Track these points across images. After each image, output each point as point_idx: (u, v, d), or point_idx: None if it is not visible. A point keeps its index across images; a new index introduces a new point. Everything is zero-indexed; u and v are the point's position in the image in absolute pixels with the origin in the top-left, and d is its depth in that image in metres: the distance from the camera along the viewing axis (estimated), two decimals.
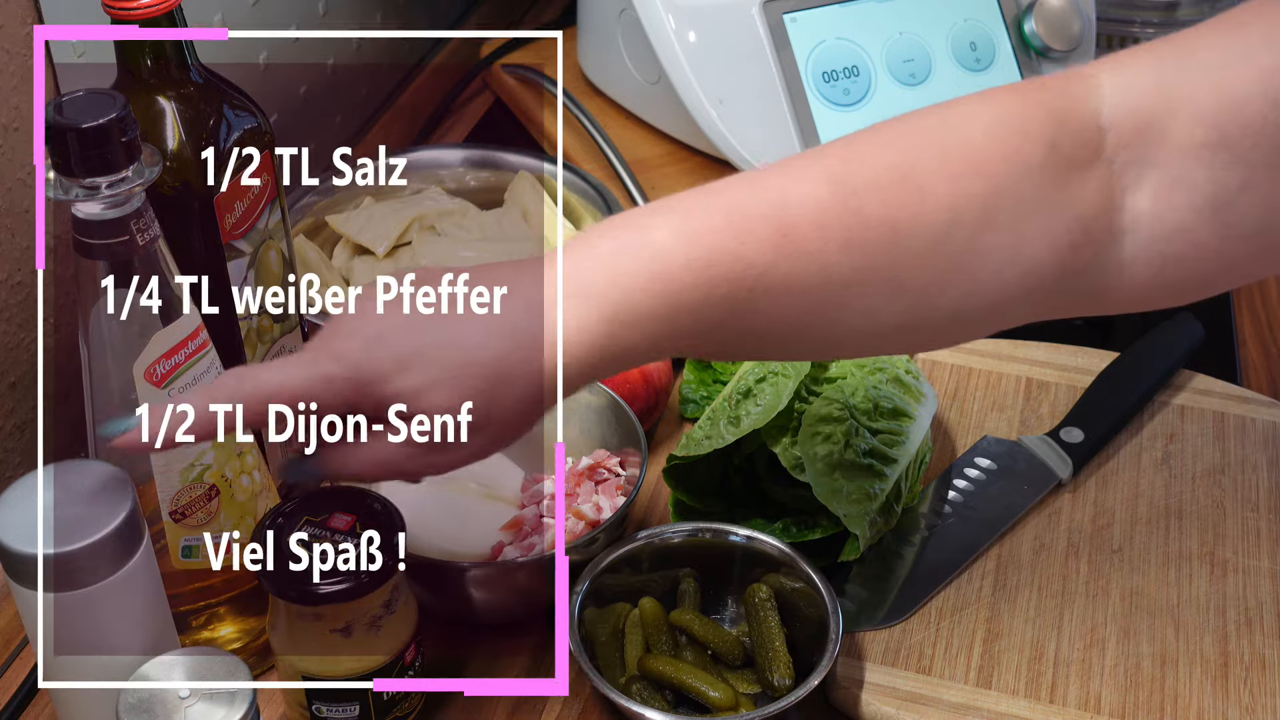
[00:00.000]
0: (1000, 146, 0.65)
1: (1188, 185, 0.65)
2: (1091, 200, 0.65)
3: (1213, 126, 0.64)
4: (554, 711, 0.76)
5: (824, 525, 0.81)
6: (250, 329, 0.79)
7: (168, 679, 0.64)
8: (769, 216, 0.63)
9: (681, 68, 1.06)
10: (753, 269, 0.62)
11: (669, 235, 0.62)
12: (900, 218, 0.63)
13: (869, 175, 0.64)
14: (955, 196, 0.64)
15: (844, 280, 0.63)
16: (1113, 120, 0.66)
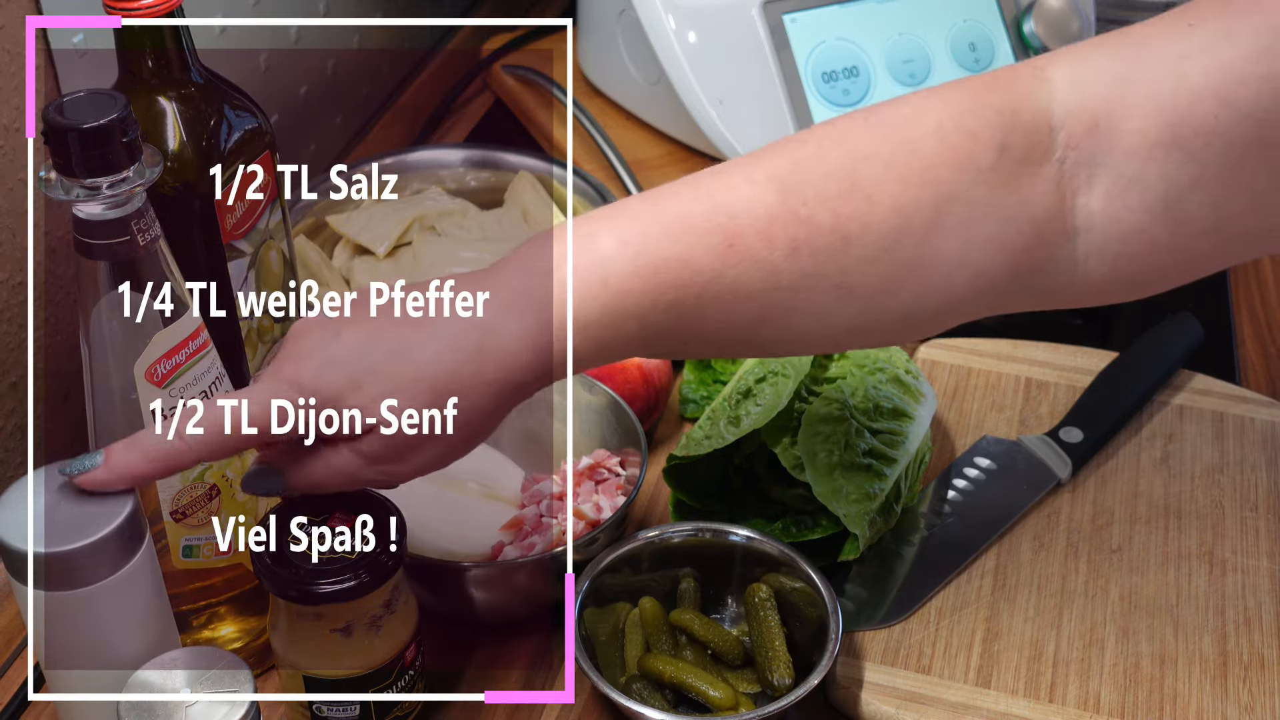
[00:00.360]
0: (949, 151, 0.64)
1: (1140, 184, 0.65)
2: (1043, 202, 0.65)
3: (1165, 125, 0.63)
4: (554, 711, 0.76)
5: (824, 525, 0.81)
6: (251, 329, 0.80)
7: (169, 679, 0.64)
8: (717, 225, 0.63)
9: (681, 68, 1.06)
10: (700, 276, 0.63)
11: (614, 243, 0.63)
12: (850, 226, 0.63)
13: (818, 183, 0.64)
14: (903, 203, 0.64)
15: (792, 285, 0.64)
16: (1064, 119, 0.65)
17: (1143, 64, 0.65)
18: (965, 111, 0.65)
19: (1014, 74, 0.67)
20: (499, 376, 0.62)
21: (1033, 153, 0.65)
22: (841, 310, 0.65)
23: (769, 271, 0.63)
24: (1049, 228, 0.65)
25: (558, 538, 0.80)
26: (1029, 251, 0.66)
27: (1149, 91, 0.64)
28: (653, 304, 0.63)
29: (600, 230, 0.63)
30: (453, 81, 1.31)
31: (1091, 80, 0.65)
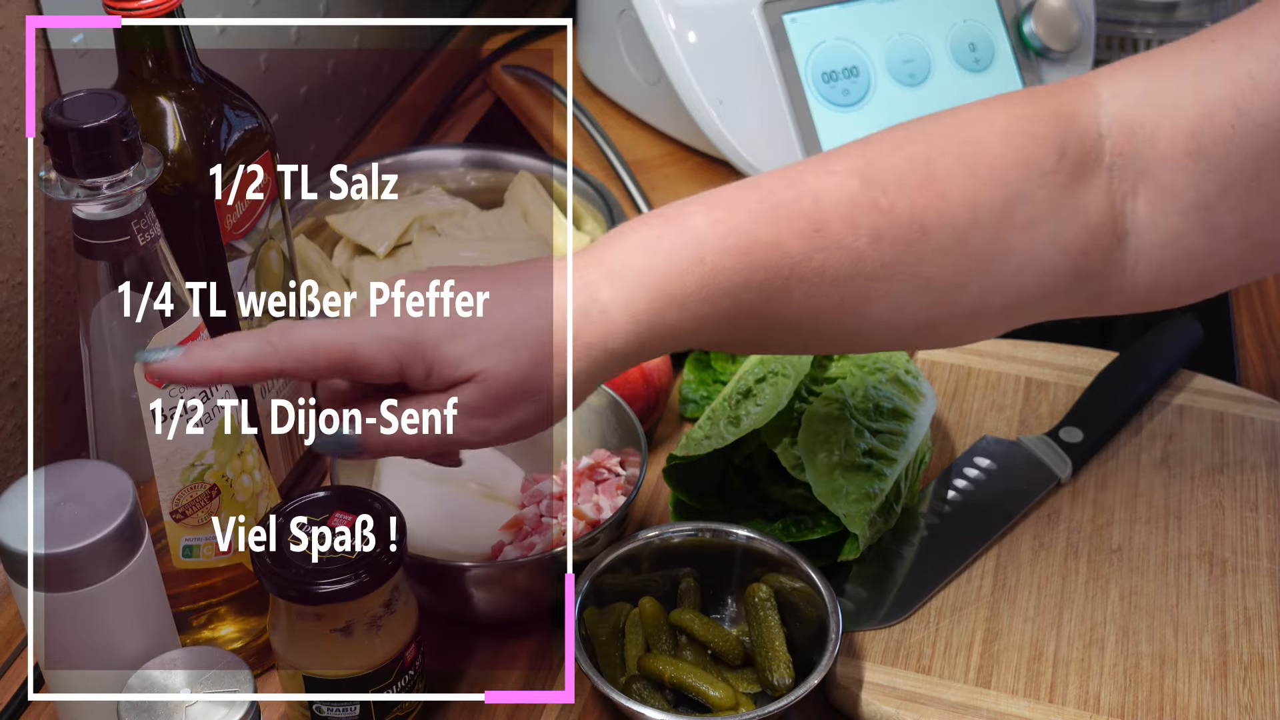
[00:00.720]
0: (1015, 152, 0.68)
1: (1174, 192, 0.68)
2: (1097, 207, 0.68)
3: (1190, 136, 0.67)
4: (554, 711, 0.76)
5: (824, 525, 0.81)
6: (251, 329, 0.80)
7: (169, 679, 0.64)
8: (804, 210, 0.65)
9: (681, 68, 1.06)
10: (788, 258, 0.65)
11: (708, 223, 0.65)
12: (926, 218, 0.66)
13: (896, 175, 0.67)
14: (975, 198, 0.67)
15: (873, 273, 0.66)
16: (1109, 128, 0.69)
17: (1169, 77, 0.68)
18: (1028, 116, 0.69)
19: (1065, 85, 0.71)
20: (595, 340, 0.63)
21: (1086, 158, 0.68)
22: (917, 301, 0.68)
23: (853, 258, 0.66)
24: (1102, 232, 0.69)
25: (558, 538, 0.80)
26: (1086, 255, 0.69)
27: (1174, 103, 0.68)
28: (745, 282, 0.65)
29: (694, 212, 0.66)
30: (453, 81, 1.31)
31: (1128, 92, 0.69)
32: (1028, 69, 1.12)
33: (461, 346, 0.62)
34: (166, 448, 0.69)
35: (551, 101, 1.21)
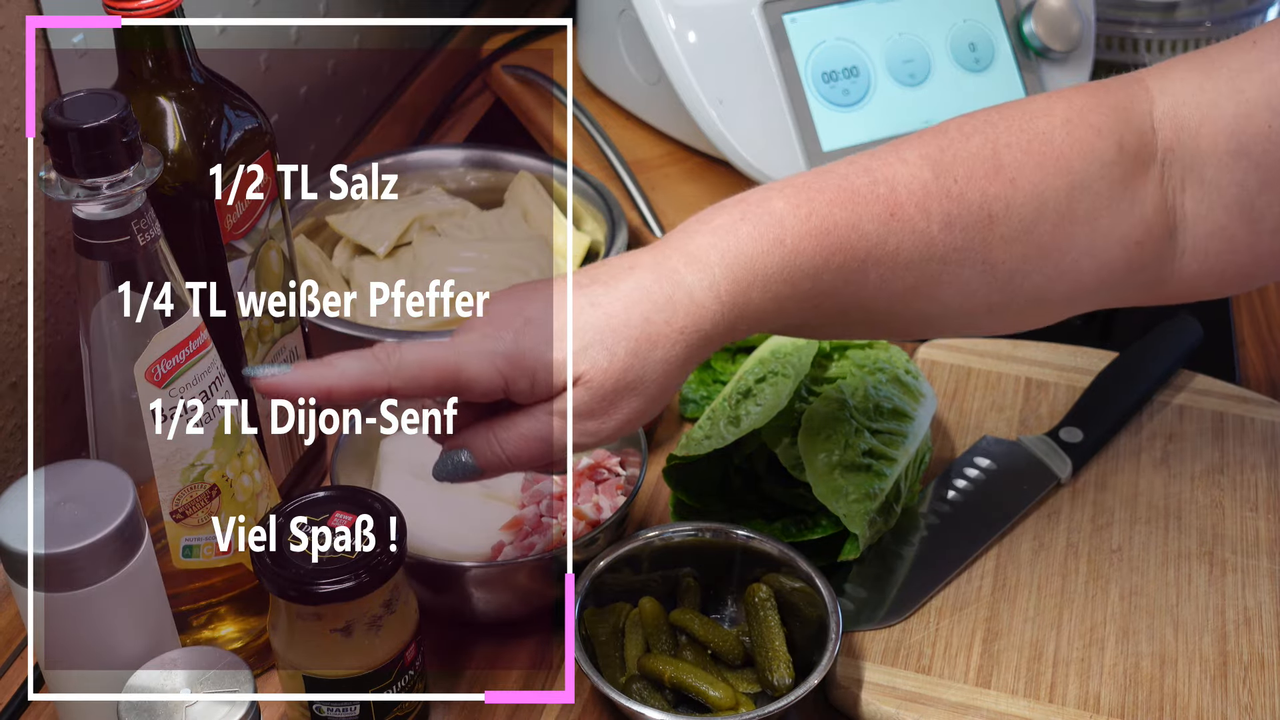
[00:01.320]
0: (1077, 143, 0.70)
1: (1217, 188, 0.71)
2: (1151, 199, 0.71)
3: (1230, 135, 0.70)
4: (554, 711, 0.76)
5: (824, 525, 0.81)
6: (251, 329, 0.80)
7: (169, 679, 0.64)
8: (879, 195, 0.68)
9: (681, 68, 1.06)
10: (866, 240, 0.67)
11: (787, 206, 0.67)
12: (995, 206, 0.69)
13: (966, 163, 0.69)
14: (1041, 188, 0.69)
15: (944, 258, 0.69)
16: (1160, 124, 0.71)
17: (1211, 78, 0.72)
18: (1088, 108, 0.71)
19: (1119, 80, 0.73)
20: (688, 324, 0.65)
21: (1143, 151, 0.71)
22: (984, 286, 0.70)
23: (926, 242, 0.68)
24: (1156, 224, 0.72)
25: (558, 538, 0.80)
26: (1141, 246, 0.72)
27: (1214, 103, 0.71)
28: (825, 263, 0.67)
29: (773, 196, 0.68)
30: (453, 81, 1.31)
31: (1174, 90, 0.72)
32: (1028, 69, 1.12)
33: (559, 351, 0.64)
34: (166, 448, 0.69)
35: (551, 101, 1.21)
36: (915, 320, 0.72)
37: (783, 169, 1.05)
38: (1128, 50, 1.24)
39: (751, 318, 0.67)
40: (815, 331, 0.74)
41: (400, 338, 0.92)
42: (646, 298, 0.65)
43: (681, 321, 0.65)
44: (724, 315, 0.66)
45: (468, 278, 0.96)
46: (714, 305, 0.65)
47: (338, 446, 0.82)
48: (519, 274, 0.97)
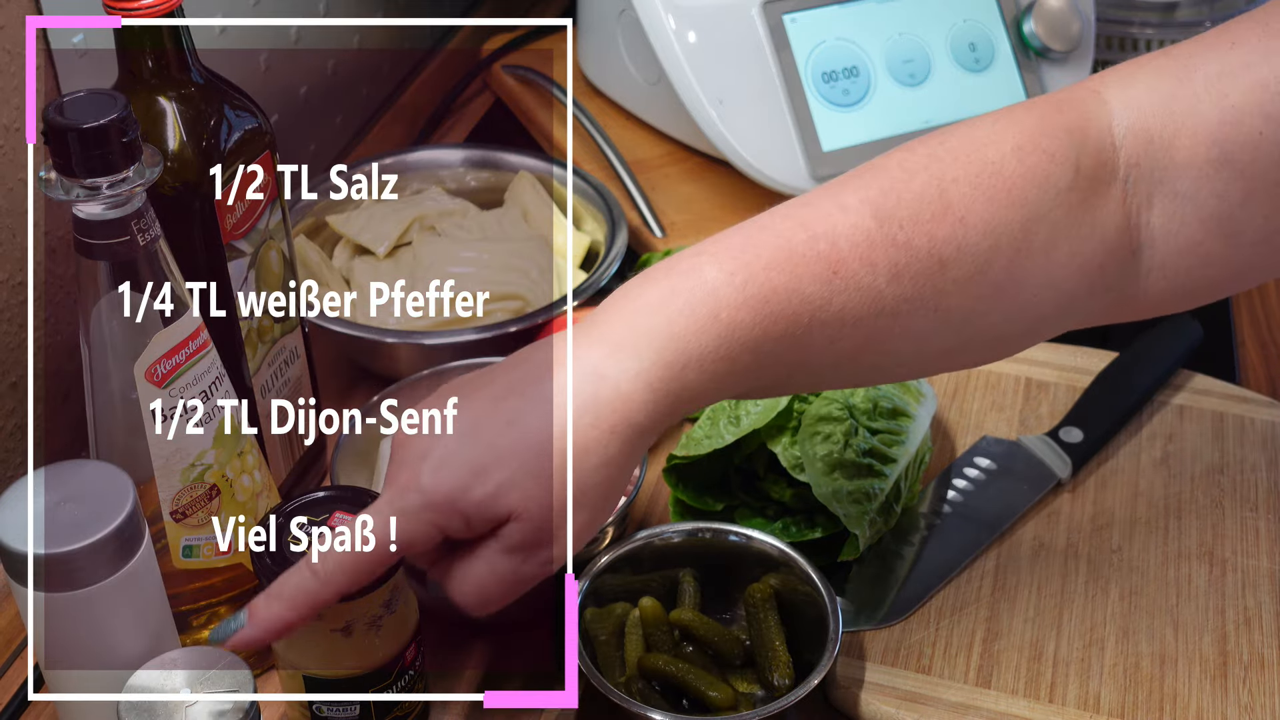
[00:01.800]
0: (1029, 171, 0.65)
1: (1194, 201, 0.66)
2: (1113, 221, 0.67)
3: (1213, 143, 0.65)
4: (554, 712, 0.76)
5: (824, 525, 0.81)
6: (251, 329, 0.80)
7: (169, 679, 0.64)
8: (819, 253, 0.63)
9: (681, 68, 1.06)
10: (808, 304, 0.63)
11: (721, 274, 0.62)
12: (945, 250, 0.64)
13: (910, 206, 0.64)
14: (994, 224, 0.65)
15: (894, 311, 0.64)
16: (1123, 138, 0.67)
17: (1186, 83, 0.67)
18: (1039, 132, 0.66)
19: (1073, 95, 0.69)
20: (617, 421, 0.61)
21: (1101, 171, 0.67)
22: (938, 334, 0.66)
23: (873, 297, 0.64)
24: (1118, 245, 0.67)
25: None
26: (1103, 270, 0.67)
27: (1193, 110, 0.66)
28: (765, 333, 0.63)
29: (704, 264, 0.63)
30: (453, 81, 1.31)
31: (1141, 100, 0.67)
32: (1028, 69, 1.12)
33: (486, 486, 0.60)
34: (166, 448, 0.69)
35: (551, 101, 1.21)
36: (867, 373, 0.69)
37: (783, 169, 1.05)
38: (1128, 50, 1.24)
39: (689, 399, 0.62)
40: (762, 395, 0.70)
41: (400, 338, 0.92)
42: (566, 404, 0.60)
43: (610, 420, 0.60)
44: (657, 404, 0.61)
45: (468, 278, 0.96)
46: (644, 395, 0.61)
47: (338, 446, 0.82)
48: (519, 274, 0.97)
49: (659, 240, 1.06)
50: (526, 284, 0.97)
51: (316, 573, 0.62)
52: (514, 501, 0.61)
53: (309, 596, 0.62)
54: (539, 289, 0.97)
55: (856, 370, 0.68)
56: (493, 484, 0.60)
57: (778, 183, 1.06)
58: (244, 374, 0.80)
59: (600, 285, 0.96)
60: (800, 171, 1.05)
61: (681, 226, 1.08)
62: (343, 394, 0.97)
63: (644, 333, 0.62)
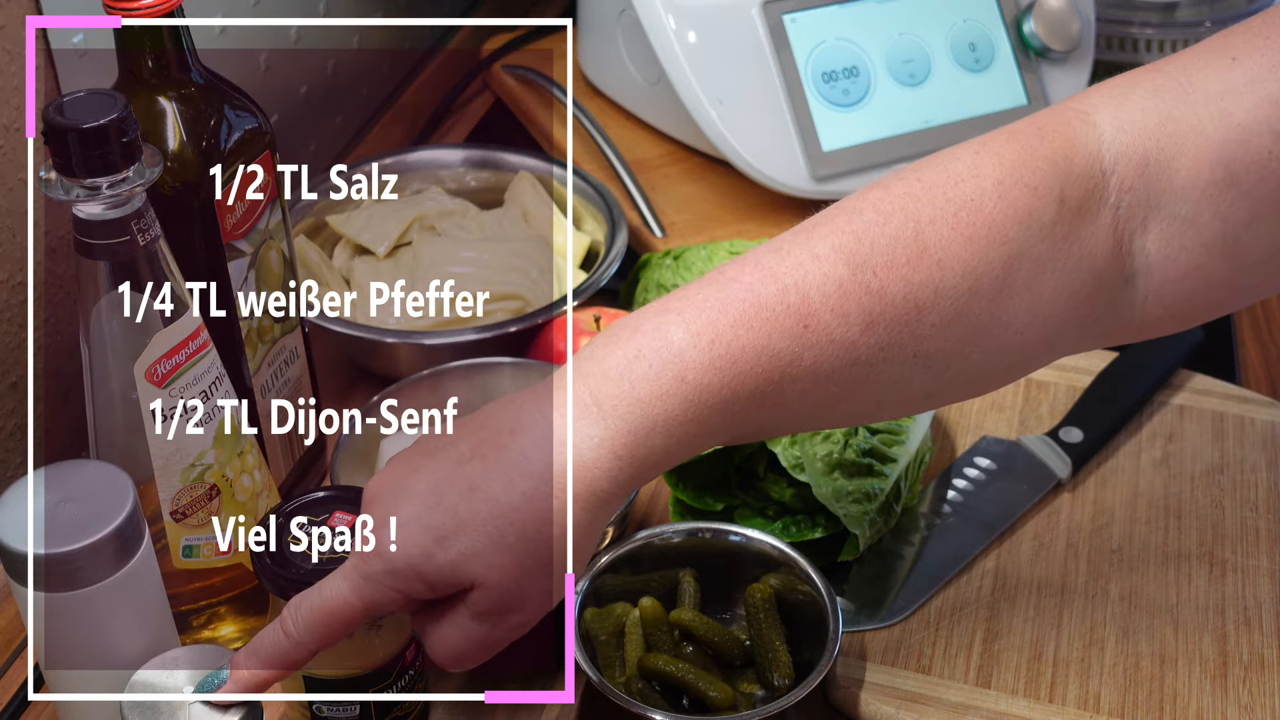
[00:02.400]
0: (1010, 208, 0.63)
1: (1195, 224, 0.64)
2: (1102, 250, 0.64)
3: (1217, 164, 0.63)
4: (554, 711, 0.76)
5: (824, 525, 0.81)
6: (251, 329, 0.80)
7: (171, 678, 0.64)
8: (789, 306, 0.61)
9: (681, 68, 1.06)
10: (778, 361, 0.61)
11: (687, 335, 0.61)
12: (922, 294, 0.62)
13: (885, 251, 0.62)
14: (973, 264, 0.62)
15: (870, 360, 0.62)
16: (1114, 163, 0.64)
17: (1184, 103, 0.64)
18: (1020, 164, 0.64)
19: (1058, 119, 0.66)
20: (580, 489, 0.60)
21: (1089, 200, 0.64)
22: (918, 378, 0.64)
23: (847, 349, 0.62)
24: (1108, 274, 0.65)
25: None
26: (1091, 300, 0.65)
27: (1195, 130, 0.63)
28: (734, 394, 0.61)
29: (670, 324, 0.61)
30: (453, 81, 1.31)
31: (1136, 122, 0.64)
32: (1028, 69, 1.12)
33: (449, 554, 0.60)
34: (166, 448, 0.69)
35: (551, 101, 1.21)
36: (847, 419, 0.67)
37: (783, 169, 1.05)
38: (1128, 50, 1.24)
39: (655, 463, 0.61)
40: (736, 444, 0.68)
41: (400, 338, 0.92)
42: (529, 471, 0.60)
43: (573, 489, 0.60)
44: (621, 470, 0.61)
45: (468, 278, 0.96)
46: (609, 462, 0.60)
47: (338, 446, 0.82)
48: (519, 274, 0.97)
49: (659, 240, 1.06)
50: (526, 284, 0.97)
51: (289, 634, 0.62)
52: (476, 570, 0.60)
53: (283, 655, 0.63)
54: (539, 289, 0.97)
55: (836, 418, 0.67)
56: (454, 552, 0.60)
57: (778, 183, 1.06)
58: (244, 374, 0.80)
59: (600, 285, 0.96)
60: (800, 171, 1.05)
61: (681, 226, 1.08)
62: (343, 394, 0.97)
63: (607, 398, 0.61)
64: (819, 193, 1.06)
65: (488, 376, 0.88)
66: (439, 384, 0.87)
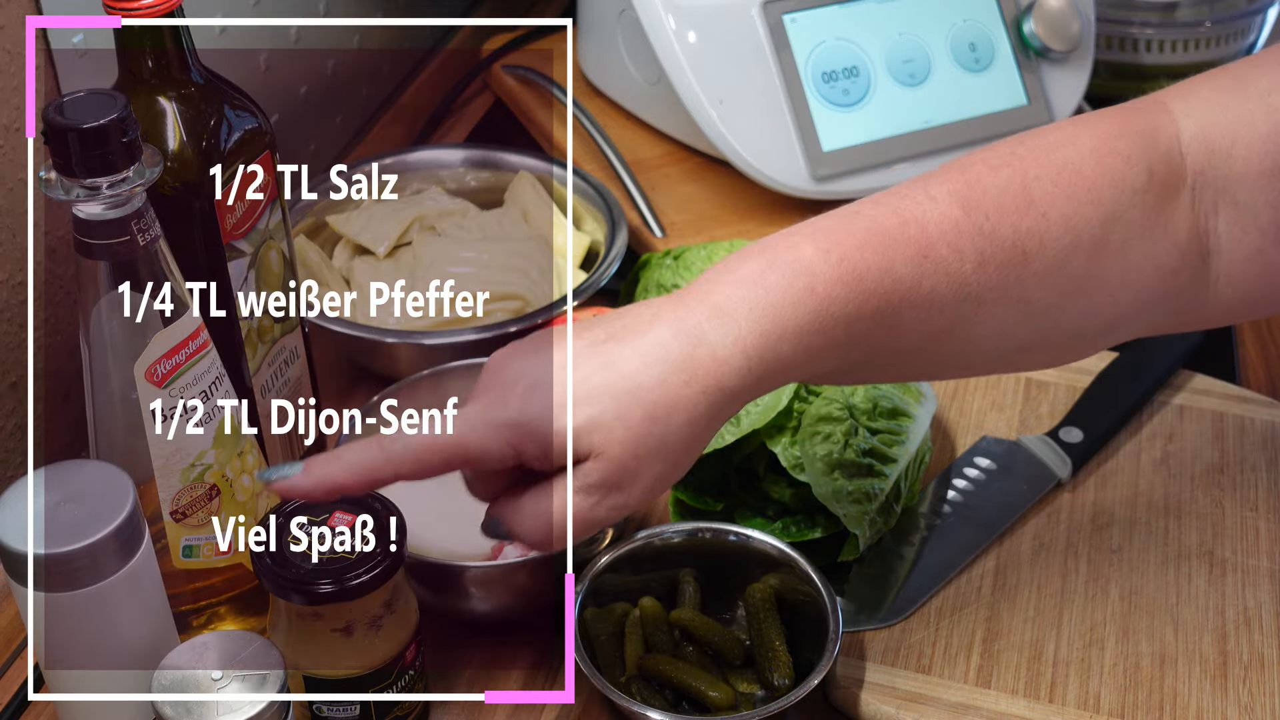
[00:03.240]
0: (1106, 171, 0.68)
1: (1253, 210, 0.68)
2: (1184, 225, 0.69)
3: (1265, 155, 0.68)
4: (554, 711, 0.76)
5: (824, 525, 0.82)
6: (251, 329, 0.80)
7: (200, 661, 0.65)
8: (910, 237, 0.65)
9: (681, 68, 1.06)
10: (900, 284, 0.65)
11: (818, 253, 0.64)
12: (1028, 242, 0.66)
13: (995, 199, 0.67)
14: (1074, 220, 0.67)
15: (979, 298, 0.66)
16: (1188, 147, 0.69)
17: (1241, 97, 0.69)
18: (1114, 135, 0.69)
19: (1140, 104, 0.71)
20: (710, 383, 0.62)
21: (1172, 177, 0.69)
22: (1021, 325, 0.68)
23: (960, 283, 0.66)
24: (1190, 250, 0.69)
25: None
26: (1176, 273, 0.69)
27: (1248, 122, 0.68)
28: (859, 310, 0.64)
29: (801, 242, 0.65)
30: (453, 81, 1.31)
31: (1201, 111, 0.70)
32: (1028, 69, 1.12)
33: (574, 419, 0.61)
34: (166, 448, 0.69)
35: (551, 101, 1.21)
36: (949, 363, 0.70)
37: (783, 169, 1.05)
38: (1128, 50, 1.24)
39: (781, 370, 0.64)
40: (846, 378, 0.72)
41: (400, 338, 0.92)
42: (665, 356, 0.62)
43: (703, 381, 0.62)
44: (751, 370, 0.63)
45: (468, 278, 0.96)
46: (739, 361, 0.63)
47: (338, 446, 0.82)
48: (519, 274, 0.97)
49: (659, 240, 1.06)
50: (526, 284, 0.97)
51: (383, 447, 0.63)
52: (596, 439, 0.61)
53: (369, 467, 0.63)
54: (539, 289, 0.97)
55: (938, 357, 0.69)
56: (581, 417, 0.61)
57: (778, 183, 1.06)
58: (244, 374, 0.80)
59: (600, 285, 0.96)
60: (800, 171, 1.05)
61: (681, 226, 1.08)
62: (343, 394, 0.97)
63: (742, 301, 0.63)
64: (819, 193, 1.06)
65: None
66: (439, 384, 0.87)
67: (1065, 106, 1.13)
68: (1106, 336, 0.72)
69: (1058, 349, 0.72)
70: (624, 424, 0.61)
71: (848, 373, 0.69)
